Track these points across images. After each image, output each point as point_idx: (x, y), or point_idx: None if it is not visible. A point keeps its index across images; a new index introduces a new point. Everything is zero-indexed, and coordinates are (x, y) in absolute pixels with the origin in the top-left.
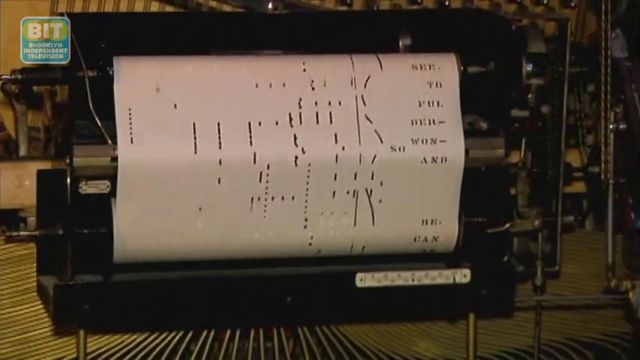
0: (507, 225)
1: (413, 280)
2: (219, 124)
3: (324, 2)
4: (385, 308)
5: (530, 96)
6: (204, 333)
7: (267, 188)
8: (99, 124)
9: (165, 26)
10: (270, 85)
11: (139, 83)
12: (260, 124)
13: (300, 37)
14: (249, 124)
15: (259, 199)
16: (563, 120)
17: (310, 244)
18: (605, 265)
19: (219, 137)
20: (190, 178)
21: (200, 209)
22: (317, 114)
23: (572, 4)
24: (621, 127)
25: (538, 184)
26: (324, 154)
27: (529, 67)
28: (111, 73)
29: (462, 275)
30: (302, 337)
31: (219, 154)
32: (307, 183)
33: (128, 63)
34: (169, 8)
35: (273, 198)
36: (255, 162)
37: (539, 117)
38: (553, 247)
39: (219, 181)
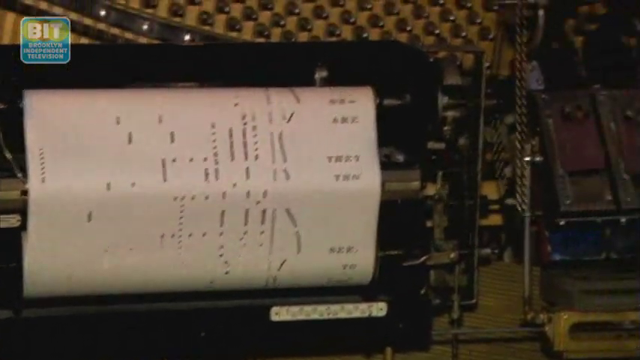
0: (424, 258)
1: (329, 314)
2: (131, 159)
3: (242, 34)
4: (301, 342)
5: (446, 128)
6: None
7: (180, 224)
8: (8, 157)
9: (80, 58)
10: (185, 119)
11: (50, 117)
12: (174, 159)
13: (216, 69)
14: (163, 159)
15: (173, 235)
16: (479, 152)
17: (225, 279)
18: (522, 298)
19: (132, 173)
20: (100, 215)
21: (106, 249)
22: (231, 148)
23: (490, 37)
24: (537, 159)
25: (455, 216)
26: (238, 189)
27: (445, 100)
28: (21, 106)
29: (379, 308)
30: None
31: (131, 191)
32: (221, 218)
33: (39, 97)
34: (84, 40)
35: (187, 234)
36: (167, 198)
37: (456, 149)
38: (470, 280)
39: (129, 218)
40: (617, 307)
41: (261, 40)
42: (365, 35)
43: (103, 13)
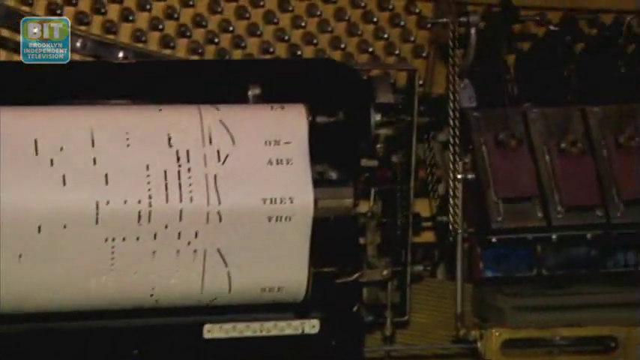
0: (356, 275)
1: (261, 331)
2: (64, 175)
3: (176, 52)
4: (234, 359)
5: (379, 146)
6: None
7: (111, 265)
8: None
9: (10, 75)
10: (117, 136)
11: None
12: (108, 202)
13: (150, 86)
14: (97, 202)
15: (103, 276)
16: (412, 169)
17: (154, 297)
18: (455, 315)
19: (64, 216)
20: (30, 254)
21: (20, 255)
22: (166, 190)
23: (424, 55)
24: (469, 176)
25: (387, 233)
26: (169, 210)
27: (377, 117)
28: None
29: (311, 326)
30: None
31: (62, 232)
32: (152, 258)
33: None
34: (16, 57)
35: (117, 275)
36: (99, 239)
37: (389, 166)
38: (402, 297)
39: (59, 259)
40: (548, 324)
41: (195, 57)
42: (299, 53)
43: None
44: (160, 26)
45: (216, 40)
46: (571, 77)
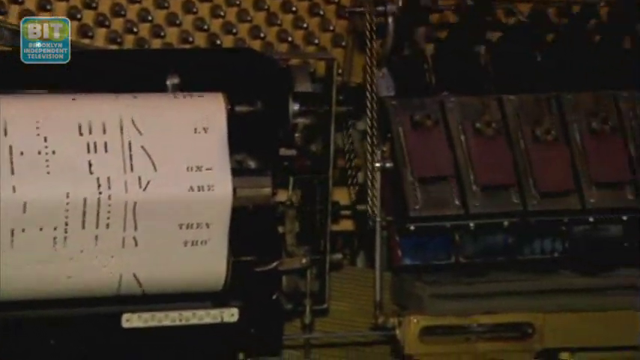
0: (275, 263)
1: (180, 320)
2: None
3: (94, 41)
4: (153, 349)
5: (297, 135)
6: None
7: (24, 226)
8: None
9: None
10: (38, 188)
11: None
12: (23, 229)
13: (68, 76)
14: (12, 229)
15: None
16: (330, 158)
17: (73, 284)
18: (374, 302)
19: None
20: None
21: None
22: (83, 217)
23: (343, 44)
24: (387, 165)
25: (306, 222)
26: (89, 196)
27: (296, 106)
28: None
29: (230, 314)
30: None
31: None
32: (66, 282)
33: None
34: None
35: (32, 237)
36: (15, 201)
37: (308, 155)
38: (321, 285)
39: None
40: (466, 311)
41: (114, 46)
42: (218, 42)
43: None
44: (79, 15)
45: (135, 29)
46: (488, 66)
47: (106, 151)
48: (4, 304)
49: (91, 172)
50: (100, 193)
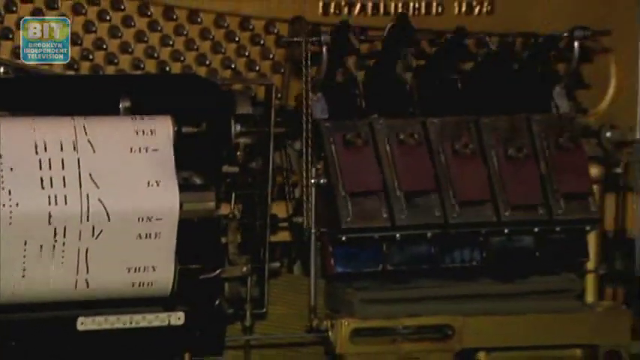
0: (218, 271)
1: (131, 323)
2: None
3: (52, 67)
4: (106, 350)
5: (239, 153)
6: None
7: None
8: None
9: None
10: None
11: None
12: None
13: (28, 99)
14: None
15: None
16: (269, 175)
17: (29, 290)
18: (309, 307)
19: None
20: None
21: None
22: (39, 257)
23: (282, 71)
24: (322, 181)
25: (247, 233)
26: (42, 211)
27: (237, 127)
28: None
29: (177, 318)
30: None
31: None
32: (26, 237)
33: None
34: None
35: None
36: None
37: (249, 172)
38: (261, 291)
39: None
40: (393, 314)
41: (71, 72)
42: (167, 69)
43: None
44: (38, 45)
45: (90, 56)
46: (413, 91)
47: (62, 168)
48: None
49: (43, 187)
50: (56, 241)
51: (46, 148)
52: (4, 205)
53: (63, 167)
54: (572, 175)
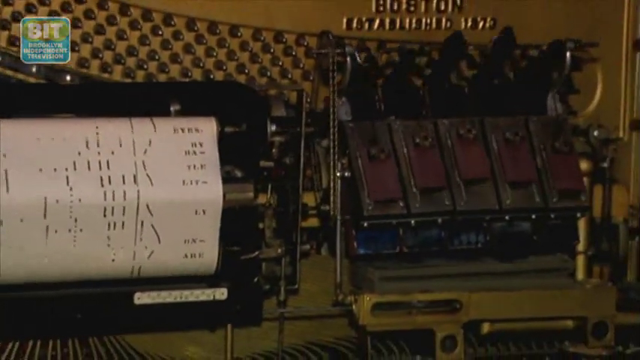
0: (256, 252)
1: (181, 298)
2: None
3: (113, 76)
4: (159, 321)
5: (274, 150)
6: (10, 345)
7: (75, 224)
8: None
9: None
10: (66, 144)
11: None
12: (56, 174)
13: (91, 104)
14: (41, 174)
15: (56, 231)
16: (301, 169)
17: (106, 270)
18: (335, 284)
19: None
20: None
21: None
22: (99, 172)
23: (310, 78)
24: (346, 174)
25: (281, 220)
26: (99, 204)
27: (272, 128)
28: None
29: (221, 293)
30: (92, 346)
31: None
32: (89, 226)
33: None
34: None
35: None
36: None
37: (282, 166)
38: (293, 270)
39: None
40: (408, 290)
41: (128, 80)
42: (211, 76)
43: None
44: (100, 55)
45: (145, 66)
46: (425, 96)
47: (119, 162)
48: (39, 285)
49: (102, 185)
50: (113, 201)
51: (105, 145)
52: (69, 195)
53: (120, 162)
54: (566, 175)
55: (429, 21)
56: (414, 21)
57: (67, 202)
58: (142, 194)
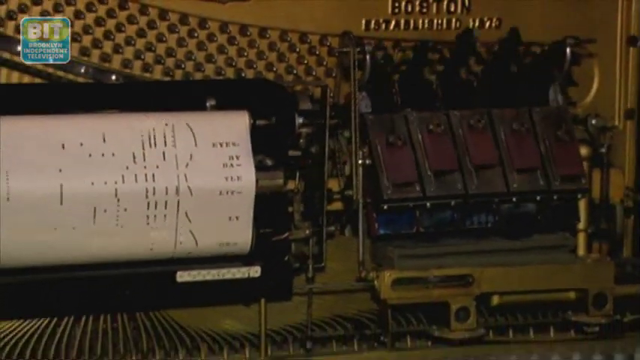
0: (286, 234)
1: (219, 275)
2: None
3: (153, 75)
4: (199, 297)
5: (301, 140)
6: (66, 320)
7: (121, 210)
8: None
9: (31, 93)
10: (113, 136)
11: (7, 135)
12: (106, 162)
13: (135, 101)
14: (94, 163)
15: (105, 211)
16: (325, 157)
17: (151, 250)
18: (358, 262)
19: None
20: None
21: (55, 229)
22: (142, 163)
23: (333, 75)
24: (367, 162)
25: (308, 204)
26: (141, 190)
27: (300, 120)
28: None
29: (254, 271)
30: (139, 320)
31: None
32: (134, 209)
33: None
34: (38, 80)
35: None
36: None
37: (309, 155)
38: (320, 250)
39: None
40: (424, 267)
41: (168, 78)
42: (243, 74)
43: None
44: (142, 56)
45: (182, 66)
46: (438, 90)
47: (163, 154)
48: (92, 266)
49: (146, 179)
50: (153, 183)
51: (150, 137)
52: (114, 182)
53: (164, 151)
54: (568, 160)
55: (440, 22)
56: (426, 22)
57: (112, 187)
58: (182, 180)
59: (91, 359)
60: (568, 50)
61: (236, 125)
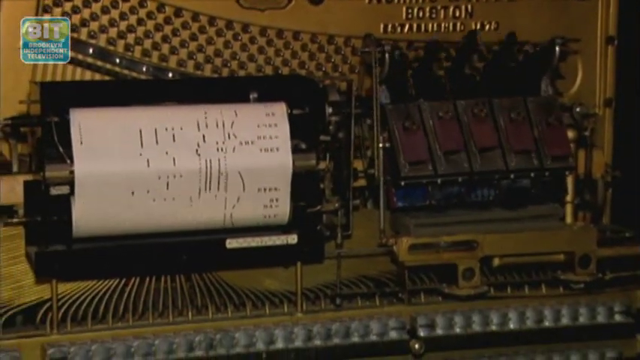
0: (319, 207)
1: (262, 242)
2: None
3: (204, 72)
4: (245, 261)
5: (331, 127)
6: (133, 280)
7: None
8: (61, 150)
9: (103, 88)
10: (178, 123)
11: (86, 123)
12: (170, 147)
13: (189, 94)
14: (167, 149)
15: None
16: (351, 141)
17: (203, 222)
18: (379, 230)
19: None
20: (133, 186)
21: (132, 201)
22: (196, 147)
23: (356, 71)
24: (386, 145)
25: (337, 181)
26: (194, 164)
27: (329, 110)
28: (68, 118)
29: (292, 238)
30: (194, 280)
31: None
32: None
33: (79, 112)
34: (106, 77)
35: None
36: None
37: (337, 140)
38: (347, 220)
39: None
40: (436, 234)
41: (216, 75)
42: (280, 71)
43: (117, 60)
44: (194, 57)
45: (229, 64)
46: (446, 83)
47: (213, 135)
48: (157, 235)
49: (199, 147)
50: (208, 165)
51: (203, 123)
52: (173, 164)
53: (214, 135)
54: (557, 142)
55: (446, 25)
56: (435, 25)
57: (185, 166)
58: (230, 160)
59: (154, 313)
60: (557, 48)
61: (275, 114)
